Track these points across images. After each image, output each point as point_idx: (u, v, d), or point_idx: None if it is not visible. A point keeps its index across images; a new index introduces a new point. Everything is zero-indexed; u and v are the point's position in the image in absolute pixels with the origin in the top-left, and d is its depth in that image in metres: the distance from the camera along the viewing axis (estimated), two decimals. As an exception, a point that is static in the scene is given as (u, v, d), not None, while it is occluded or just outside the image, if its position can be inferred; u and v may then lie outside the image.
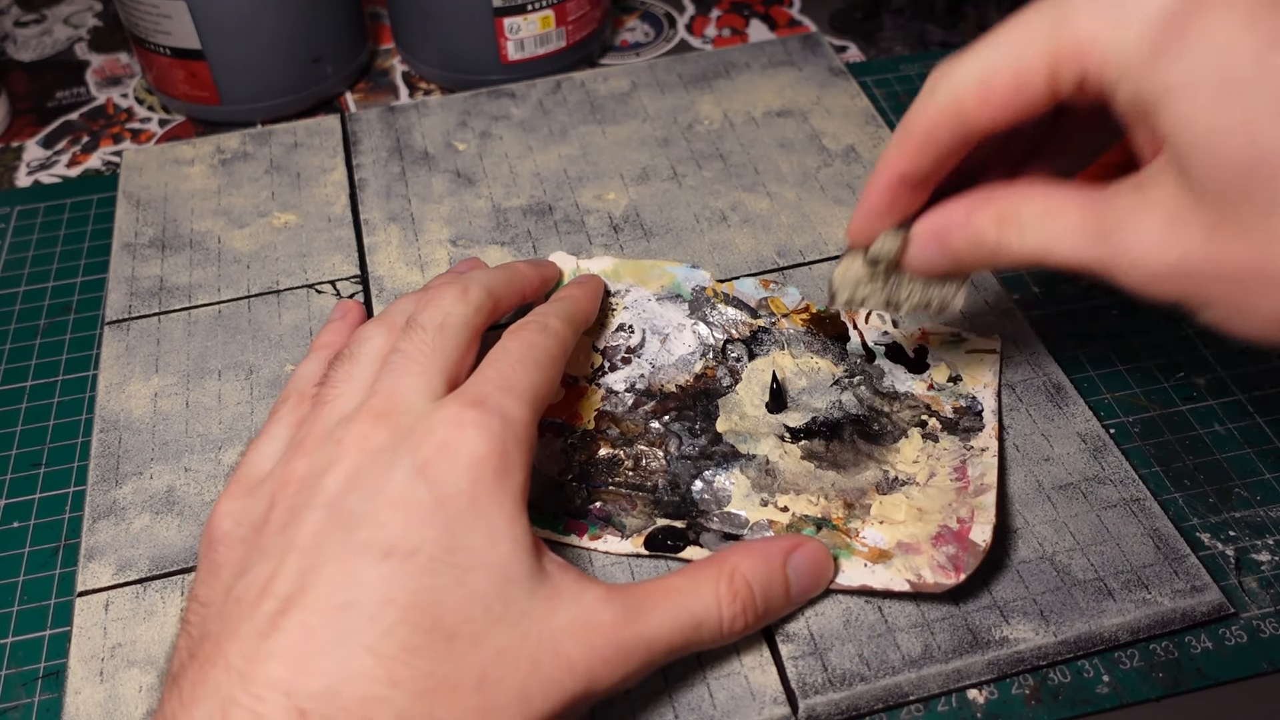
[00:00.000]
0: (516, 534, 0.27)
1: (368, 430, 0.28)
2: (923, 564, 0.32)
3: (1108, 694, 0.32)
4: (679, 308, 0.40)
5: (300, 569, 0.26)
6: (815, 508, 0.34)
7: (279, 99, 0.54)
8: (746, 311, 0.40)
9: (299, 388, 0.33)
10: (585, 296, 0.38)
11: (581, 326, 0.36)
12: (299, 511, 0.27)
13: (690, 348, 0.39)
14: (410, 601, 0.25)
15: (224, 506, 0.29)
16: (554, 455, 0.36)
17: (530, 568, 0.27)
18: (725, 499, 0.35)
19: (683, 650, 0.29)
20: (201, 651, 0.26)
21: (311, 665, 0.24)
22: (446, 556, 0.26)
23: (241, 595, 0.26)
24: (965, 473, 0.35)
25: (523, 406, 0.29)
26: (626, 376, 0.38)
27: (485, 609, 0.26)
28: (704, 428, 0.37)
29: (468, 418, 0.28)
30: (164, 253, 0.46)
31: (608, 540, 0.34)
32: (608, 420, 0.37)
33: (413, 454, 0.27)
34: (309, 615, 0.25)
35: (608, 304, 0.40)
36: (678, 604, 0.28)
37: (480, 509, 0.27)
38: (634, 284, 0.41)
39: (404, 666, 0.25)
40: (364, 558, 0.26)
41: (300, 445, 0.29)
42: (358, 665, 0.24)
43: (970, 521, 0.33)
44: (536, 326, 0.33)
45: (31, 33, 0.64)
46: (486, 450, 0.27)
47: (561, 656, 0.26)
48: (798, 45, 0.56)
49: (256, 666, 0.24)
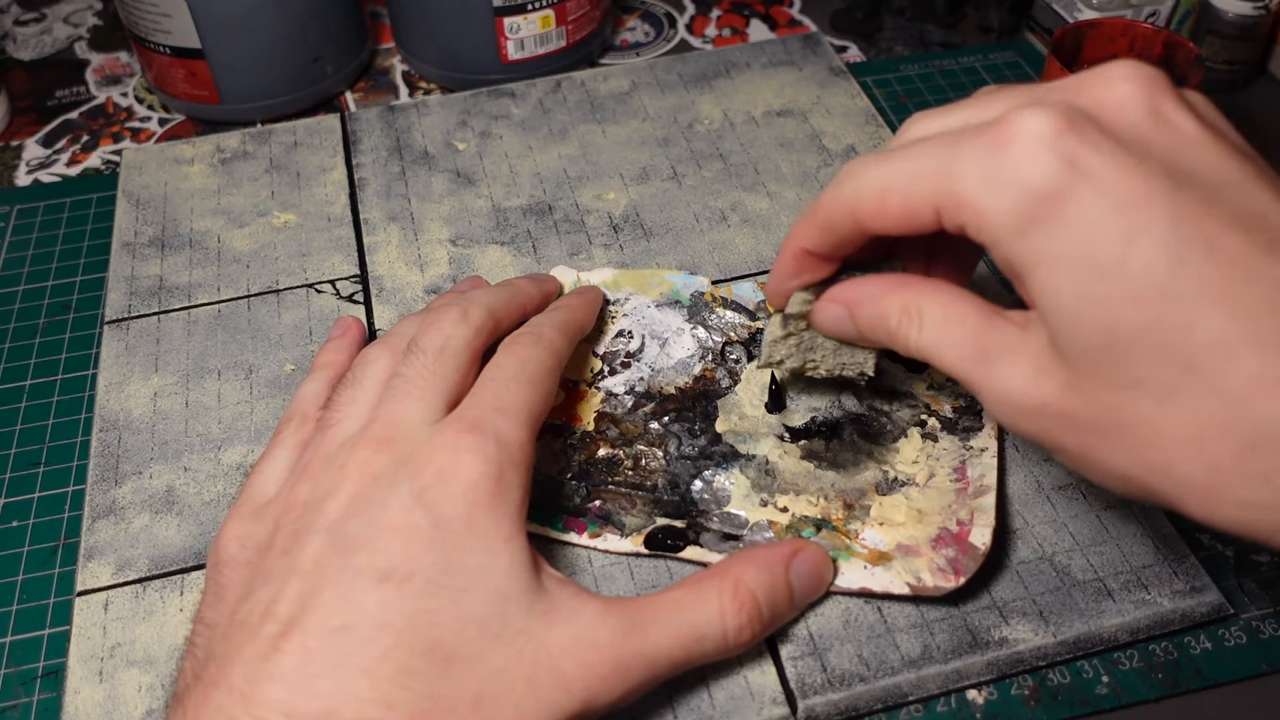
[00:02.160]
0: (513, 552, 0.28)
1: (369, 456, 0.28)
2: (922, 566, 0.32)
3: (1107, 694, 0.32)
4: (678, 313, 0.40)
5: (301, 593, 0.26)
6: (815, 508, 0.34)
7: (279, 98, 0.54)
8: (745, 314, 0.40)
9: (301, 409, 0.34)
10: (582, 305, 0.38)
11: (578, 336, 0.37)
12: (301, 536, 0.28)
13: (689, 351, 0.39)
14: (407, 624, 0.26)
15: (230, 530, 0.30)
16: (553, 455, 0.36)
17: (527, 585, 0.27)
18: (725, 499, 0.35)
19: (685, 664, 0.29)
20: (206, 673, 0.26)
21: (310, 687, 0.25)
22: (443, 579, 0.26)
23: (245, 618, 0.27)
24: (965, 473, 0.35)
25: (518, 427, 0.29)
26: (626, 380, 0.39)
27: (482, 629, 0.26)
28: (703, 428, 0.37)
29: (464, 443, 0.28)
30: (164, 252, 0.46)
31: (607, 539, 0.34)
32: (607, 421, 0.37)
33: (411, 480, 0.28)
34: (308, 638, 0.25)
35: (607, 312, 0.41)
36: (679, 617, 0.29)
37: (477, 531, 0.27)
38: (633, 292, 0.41)
39: (400, 688, 0.25)
40: (362, 581, 0.26)
41: (305, 470, 0.30)
42: (355, 688, 0.25)
43: (970, 524, 0.33)
44: (531, 339, 0.33)
45: (31, 31, 0.64)
46: (482, 474, 0.28)
47: (558, 675, 0.27)
48: (798, 45, 0.56)
49: (258, 688, 0.25)
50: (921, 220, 0.26)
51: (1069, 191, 0.23)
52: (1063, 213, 0.23)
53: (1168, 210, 0.23)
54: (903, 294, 0.29)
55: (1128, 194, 0.23)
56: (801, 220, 0.30)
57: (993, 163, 0.24)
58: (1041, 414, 0.25)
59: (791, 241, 0.31)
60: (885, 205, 0.27)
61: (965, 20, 0.61)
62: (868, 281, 0.30)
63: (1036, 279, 0.24)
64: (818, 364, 0.34)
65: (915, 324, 0.28)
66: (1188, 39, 0.42)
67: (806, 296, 0.32)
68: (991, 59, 0.57)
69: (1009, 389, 0.26)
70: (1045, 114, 0.24)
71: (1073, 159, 0.23)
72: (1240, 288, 0.22)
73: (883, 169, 0.27)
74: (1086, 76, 0.25)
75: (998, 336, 0.26)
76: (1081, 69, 0.43)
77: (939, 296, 0.28)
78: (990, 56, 0.57)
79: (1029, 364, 0.25)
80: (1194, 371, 0.22)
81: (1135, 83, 0.25)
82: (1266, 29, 0.54)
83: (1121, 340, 0.23)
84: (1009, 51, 0.58)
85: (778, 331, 0.33)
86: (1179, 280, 0.22)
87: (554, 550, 0.34)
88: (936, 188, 0.25)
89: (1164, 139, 0.24)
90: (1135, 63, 0.25)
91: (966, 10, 0.61)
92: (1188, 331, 0.22)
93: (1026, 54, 0.57)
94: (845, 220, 0.28)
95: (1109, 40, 0.43)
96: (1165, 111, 0.25)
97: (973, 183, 0.25)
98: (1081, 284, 0.23)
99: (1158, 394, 0.23)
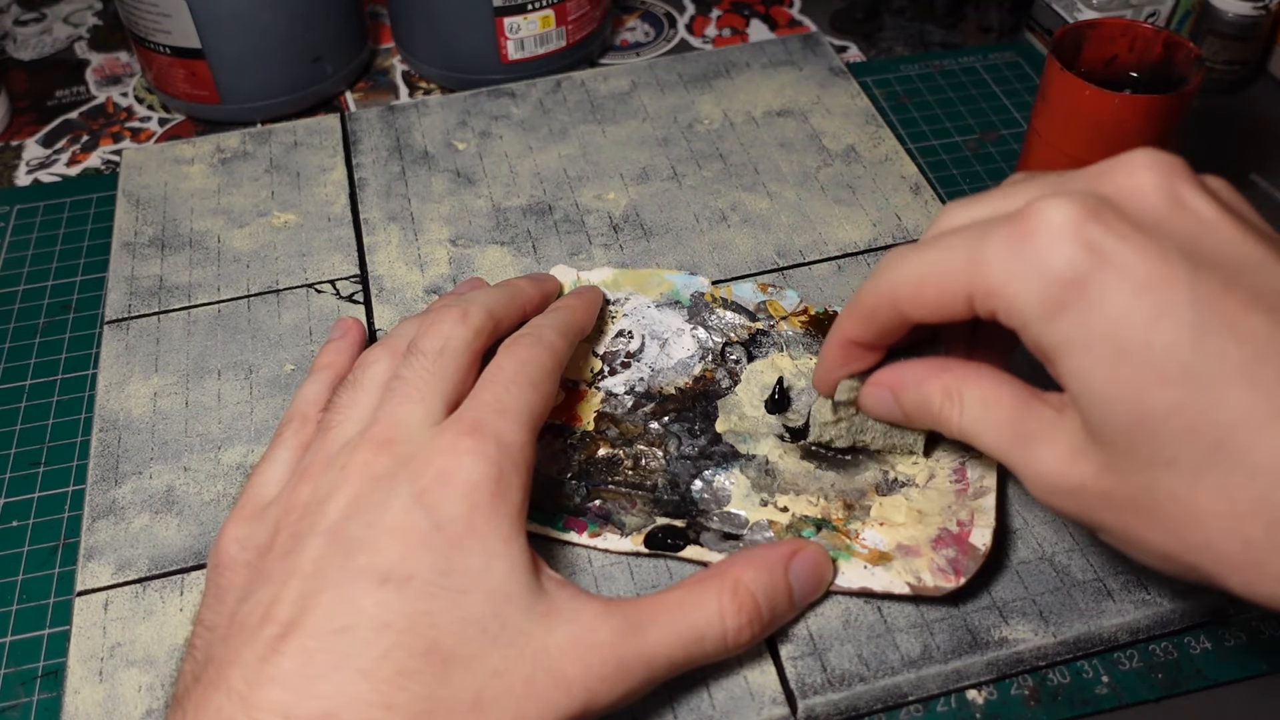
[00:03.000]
0: (514, 554, 0.28)
1: (369, 458, 0.29)
2: (922, 567, 0.32)
3: (1107, 694, 0.32)
4: (678, 313, 0.40)
5: (301, 594, 0.26)
6: (815, 508, 0.34)
7: (279, 98, 0.54)
8: (745, 315, 0.40)
9: (302, 410, 0.34)
10: (582, 306, 0.38)
11: (578, 337, 0.37)
12: (302, 537, 0.28)
13: (689, 351, 0.39)
14: (406, 626, 0.26)
15: (230, 531, 0.30)
16: (554, 455, 0.36)
17: (527, 586, 0.27)
18: (725, 499, 0.35)
19: (684, 665, 0.29)
20: (205, 675, 0.26)
21: (310, 689, 0.25)
22: (443, 580, 0.26)
23: (245, 620, 0.27)
24: (964, 474, 0.35)
25: (518, 428, 0.29)
26: (626, 380, 0.39)
27: (481, 630, 0.26)
28: (703, 428, 0.37)
29: (464, 445, 0.28)
30: (164, 252, 0.46)
31: (607, 538, 0.34)
32: (607, 421, 0.37)
33: (411, 481, 0.28)
34: (308, 639, 0.25)
35: (607, 312, 0.41)
36: (678, 618, 0.29)
37: (477, 532, 0.27)
38: (633, 292, 0.41)
39: (399, 690, 0.25)
40: (362, 583, 0.26)
41: (305, 471, 0.30)
42: (354, 689, 0.25)
43: (970, 524, 0.33)
44: (531, 340, 0.33)
45: (31, 31, 0.64)
46: (482, 476, 0.28)
47: (558, 676, 0.27)
48: (798, 45, 0.56)
49: (257, 690, 0.25)
50: (956, 308, 0.27)
51: (1092, 277, 0.24)
52: (1087, 298, 0.24)
53: (1188, 292, 0.23)
54: (944, 378, 0.29)
55: (1148, 277, 0.23)
56: (845, 312, 0.31)
57: (1018, 252, 0.25)
58: (1080, 494, 0.26)
59: (835, 333, 0.32)
60: (922, 294, 0.28)
61: (965, 20, 0.61)
62: (911, 366, 0.31)
63: (1067, 363, 0.25)
64: (868, 444, 0.35)
65: (957, 408, 0.29)
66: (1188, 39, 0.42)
67: (853, 384, 0.33)
68: (991, 59, 0.57)
69: (1047, 471, 0.26)
70: (1067, 203, 0.24)
71: (1094, 245, 0.24)
72: (1263, 366, 0.23)
73: (917, 260, 0.28)
74: (1108, 165, 0.26)
75: (1035, 420, 0.27)
76: (1081, 69, 0.43)
77: (979, 380, 0.29)
78: (990, 56, 0.57)
79: (1065, 446, 0.26)
80: (1222, 449, 0.23)
81: (1154, 170, 0.25)
82: (1266, 29, 0.54)
83: (1151, 421, 0.24)
84: (1009, 51, 0.58)
85: (828, 416, 0.34)
86: (1202, 360, 0.23)
87: (554, 550, 0.34)
88: (968, 277, 0.26)
89: (1183, 223, 0.25)
90: (1154, 151, 0.26)
91: (966, 10, 0.61)
92: (1214, 410, 0.23)
93: (1026, 54, 0.57)
94: (886, 309, 0.29)
95: (1109, 40, 0.43)
96: (1184, 196, 0.25)
97: (1000, 272, 0.25)
98: (1109, 367, 0.24)
99: (1189, 472, 0.23)
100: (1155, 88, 0.42)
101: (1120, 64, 0.43)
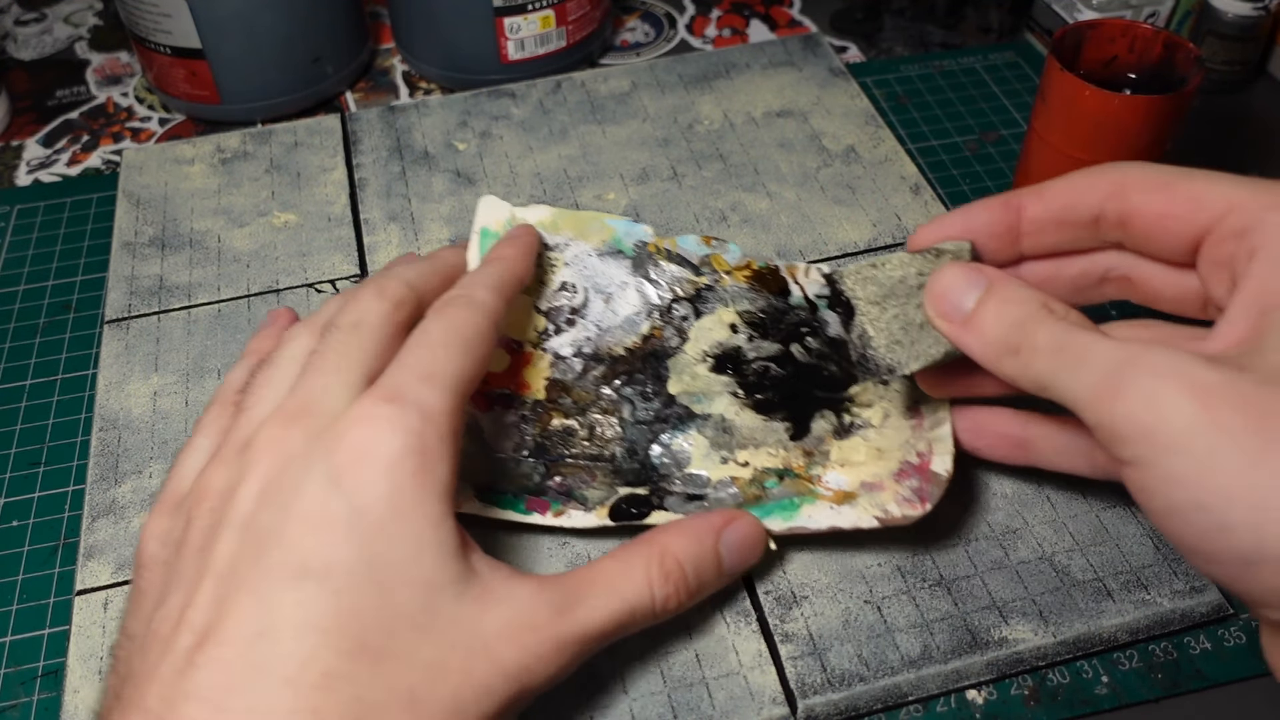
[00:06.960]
0: (442, 538, 0.26)
1: (280, 434, 0.27)
2: (888, 499, 0.32)
3: (1107, 694, 0.32)
4: (621, 264, 0.38)
5: (215, 597, 0.25)
6: (775, 459, 0.34)
7: (279, 98, 0.54)
8: (689, 268, 0.38)
9: (224, 395, 0.32)
10: (518, 256, 0.35)
11: (515, 290, 0.34)
12: (215, 531, 0.26)
13: (635, 308, 0.38)
14: (330, 625, 0.24)
15: (150, 526, 0.28)
16: (506, 429, 0.35)
17: (457, 572, 0.26)
18: (685, 460, 0.35)
19: (616, 636, 0.28)
20: (124, 693, 0.25)
21: (230, 703, 0.23)
22: (367, 572, 0.25)
23: (159, 627, 0.25)
24: (919, 411, 0.34)
25: (445, 395, 0.27)
26: (573, 340, 0.37)
27: (411, 623, 0.25)
28: (656, 390, 0.36)
29: (382, 413, 0.26)
30: (164, 252, 0.46)
31: (572, 515, 0.33)
32: (559, 389, 0.36)
33: (326, 459, 0.26)
34: (225, 649, 0.24)
35: (546, 259, 0.38)
36: (610, 591, 0.28)
37: (401, 515, 0.25)
38: (574, 237, 0.38)
39: (327, 694, 0.24)
40: (279, 580, 0.24)
41: (218, 456, 0.28)
42: (277, 699, 0.23)
43: (930, 454, 0.33)
44: (463, 301, 0.31)
45: (32, 31, 0.64)
46: (404, 449, 0.26)
47: (494, 661, 0.26)
48: (798, 45, 0.56)
49: (174, 710, 0.23)
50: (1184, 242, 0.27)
51: None
52: None
53: None
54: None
55: None
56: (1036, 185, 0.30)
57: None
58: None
59: (1001, 195, 0.30)
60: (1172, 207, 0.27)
61: (965, 21, 0.61)
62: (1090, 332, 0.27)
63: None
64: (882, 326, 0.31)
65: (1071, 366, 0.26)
66: (1188, 40, 0.42)
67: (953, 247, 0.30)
68: (991, 59, 0.57)
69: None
70: None
71: None
72: None
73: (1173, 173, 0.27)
74: None
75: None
76: (1081, 70, 0.43)
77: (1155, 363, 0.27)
78: (990, 57, 0.57)
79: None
80: None
81: None
82: (1266, 29, 0.54)
83: None
84: (1009, 52, 0.58)
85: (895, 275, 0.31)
86: None
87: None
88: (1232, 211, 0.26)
89: None
90: None
91: (966, 11, 0.61)
92: None
93: (1026, 54, 0.57)
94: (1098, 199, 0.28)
95: (1109, 41, 0.43)
96: None
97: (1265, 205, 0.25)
98: None
99: None
100: (1155, 88, 0.42)
101: (1120, 64, 0.43)
